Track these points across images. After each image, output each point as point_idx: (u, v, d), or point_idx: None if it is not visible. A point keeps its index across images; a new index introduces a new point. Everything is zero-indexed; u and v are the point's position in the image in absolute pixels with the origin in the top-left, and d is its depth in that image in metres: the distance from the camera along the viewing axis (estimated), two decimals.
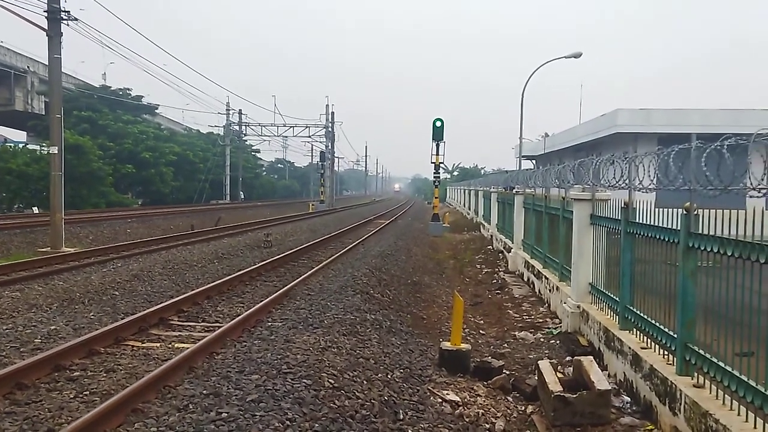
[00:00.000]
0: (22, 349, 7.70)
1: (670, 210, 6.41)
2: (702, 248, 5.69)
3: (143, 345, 8.22)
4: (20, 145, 40.52)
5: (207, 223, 30.97)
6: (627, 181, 7.94)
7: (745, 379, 4.91)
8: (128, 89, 54.86)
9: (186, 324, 9.53)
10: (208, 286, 11.93)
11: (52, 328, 8.80)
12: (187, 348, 7.55)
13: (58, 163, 18.96)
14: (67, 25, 18.99)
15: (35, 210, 33.17)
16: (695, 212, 5.92)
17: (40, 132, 43.65)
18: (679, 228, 6.10)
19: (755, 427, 4.73)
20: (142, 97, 56.52)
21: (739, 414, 4.96)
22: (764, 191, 5.62)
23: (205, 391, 5.99)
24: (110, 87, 53.90)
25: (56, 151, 18.87)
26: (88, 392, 6.27)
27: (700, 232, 5.77)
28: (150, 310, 9.55)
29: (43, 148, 34.87)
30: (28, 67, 48.45)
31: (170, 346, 8.18)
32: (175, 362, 6.79)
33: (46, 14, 18.54)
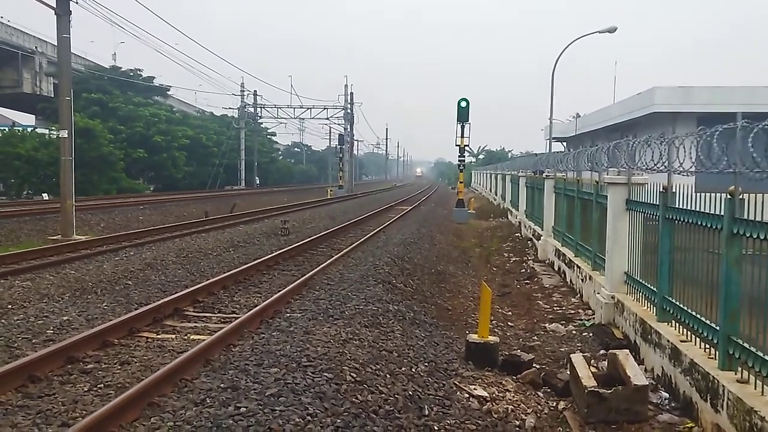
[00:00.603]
0: (34, 341, 7.59)
1: (712, 194, 6.14)
2: (747, 235, 5.49)
3: (158, 336, 8.06)
4: (29, 129, 40.47)
5: (221, 209, 30.73)
6: (666, 164, 7.58)
7: None
8: (139, 70, 54.24)
9: (202, 315, 9.37)
10: (224, 275, 11.73)
11: (65, 318, 8.68)
12: (204, 340, 7.37)
13: (68, 148, 18.59)
14: (77, 2, 18.67)
15: (45, 196, 33.14)
16: (740, 196, 5.63)
17: (49, 115, 43.28)
18: (722, 213, 5.87)
19: None
20: (154, 78, 55.87)
21: None
22: None
23: (222, 385, 5.85)
24: (120, 68, 53.37)
25: (66, 135, 18.49)
26: (102, 385, 6.15)
27: (745, 217, 5.52)
28: (164, 300, 9.38)
29: (52, 132, 34.79)
30: (36, 47, 47.99)
31: (186, 337, 8.01)
32: (191, 355, 6.63)
33: None
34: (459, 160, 31.93)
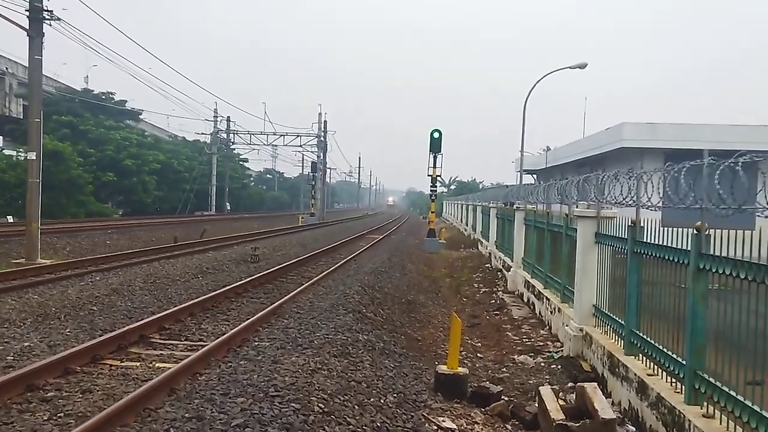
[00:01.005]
0: None
1: (679, 229, 6.21)
2: (713, 270, 5.55)
3: (122, 364, 7.88)
4: None
5: (191, 235, 30.37)
6: (634, 198, 7.68)
7: (758, 410, 4.72)
8: (111, 93, 53.74)
9: (168, 342, 9.19)
10: (192, 302, 11.57)
11: (26, 344, 8.45)
12: (169, 368, 7.23)
13: (35, 170, 18.31)
14: (50, 25, 18.50)
15: (10, 219, 32.29)
16: (706, 232, 5.71)
17: (18, 137, 42.53)
18: (689, 248, 5.92)
19: None
20: (126, 101, 55.45)
21: None
22: None
23: (187, 415, 5.71)
24: (92, 90, 52.78)
25: (34, 157, 18.22)
26: (62, 414, 5.98)
27: (711, 252, 5.57)
28: (130, 326, 9.19)
29: (20, 153, 34.27)
30: (6, 68, 47.07)
31: (151, 365, 7.85)
32: (155, 383, 6.48)
33: (27, 14, 18.02)
34: (431, 191, 32.09)
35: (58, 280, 14.30)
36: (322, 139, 61.38)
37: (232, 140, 62.49)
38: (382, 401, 6.84)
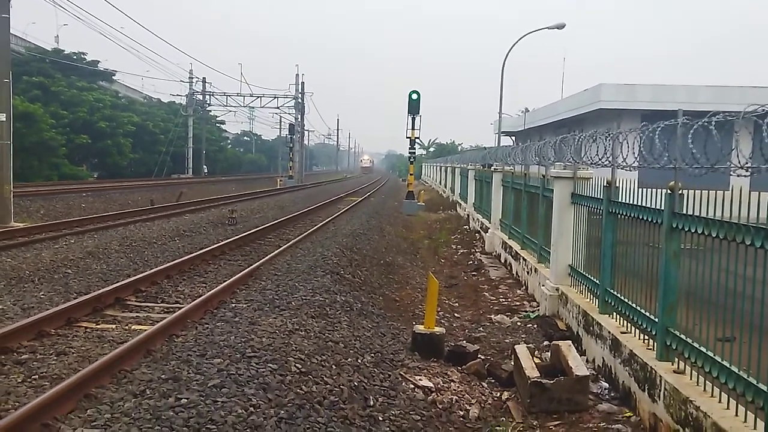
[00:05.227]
0: None
1: (654, 189, 6.25)
2: (686, 229, 5.59)
3: (97, 326, 7.82)
4: None
5: (167, 198, 30.12)
6: (610, 159, 7.71)
7: (727, 365, 4.80)
8: (83, 53, 52.16)
9: (144, 305, 9.13)
10: (168, 264, 11.49)
11: None
12: (145, 330, 7.19)
13: (6, 132, 18.01)
14: None
15: None
16: (680, 192, 5.75)
17: None
18: (662, 208, 5.96)
19: (737, 415, 4.62)
20: (98, 62, 53.98)
21: (720, 401, 4.86)
22: (752, 170, 5.42)
23: (163, 376, 5.71)
24: (63, 51, 51.29)
25: (4, 119, 17.91)
26: (36, 376, 5.94)
27: (684, 212, 5.61)
28: (105, 289, 9.10)
29: None
30: None
31: (127, 327, 7.79)
32: (131, 345, 6.45)
33: None
34: (409, 153, 32.05)
35: (31, 243, 14.08)
36: (299, 100, 60.67)
37: (208, 102, 61.49)
38: (359, 361, 6.88)
